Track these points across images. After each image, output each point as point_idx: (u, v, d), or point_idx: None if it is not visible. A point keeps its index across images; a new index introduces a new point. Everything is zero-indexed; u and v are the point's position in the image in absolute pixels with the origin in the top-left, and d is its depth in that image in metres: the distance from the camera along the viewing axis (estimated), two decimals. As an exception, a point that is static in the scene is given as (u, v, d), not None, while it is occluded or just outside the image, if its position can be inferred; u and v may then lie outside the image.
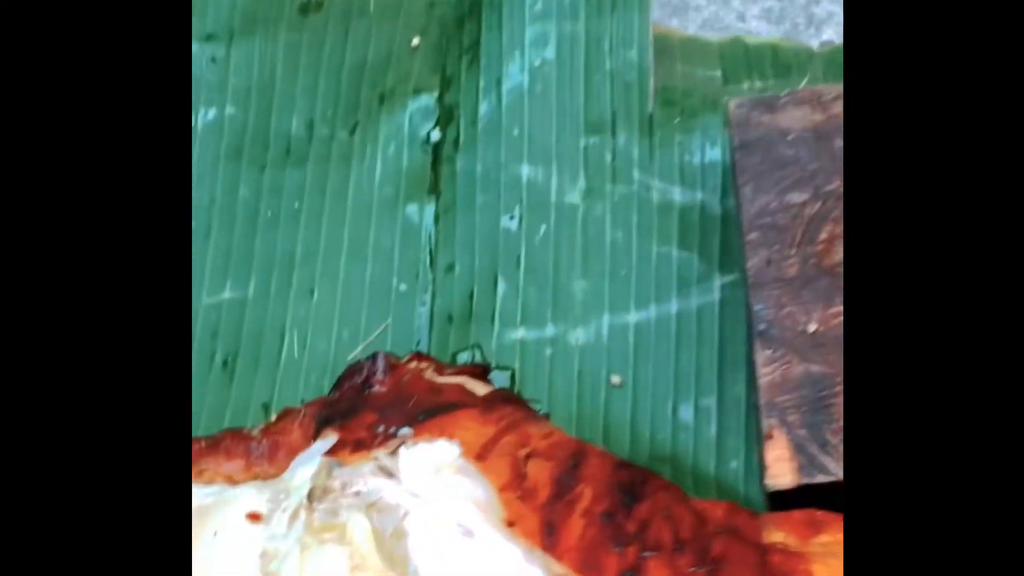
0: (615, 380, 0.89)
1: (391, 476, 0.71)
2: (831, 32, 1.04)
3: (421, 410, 0.74)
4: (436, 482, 0.71)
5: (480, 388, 0.78)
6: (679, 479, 0.84)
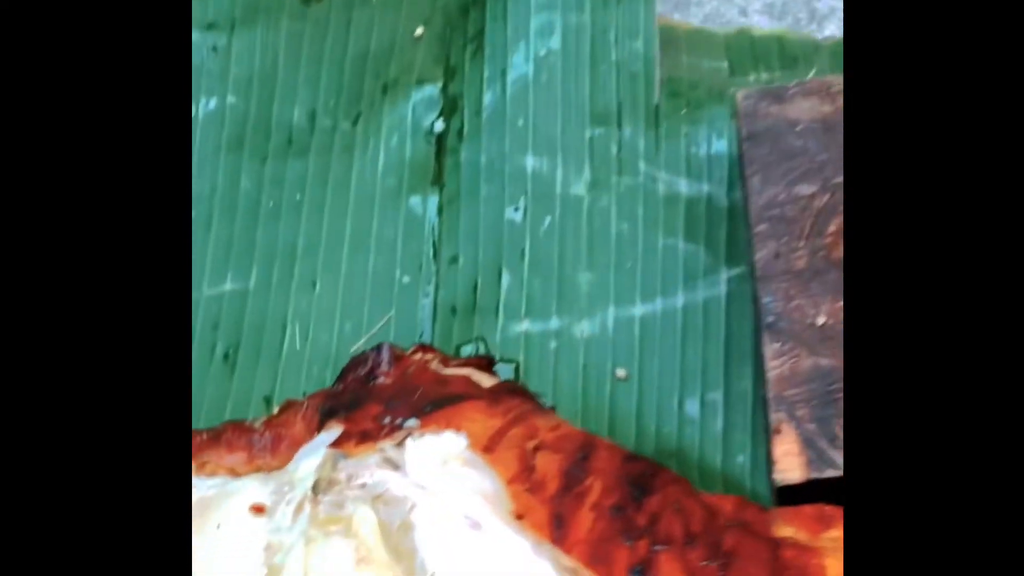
0: (620, 373, 0.88)
1: (397, 468, 0.71)
2: (833, 27, 1.04)
3: (427, 401, 0.73)
4: (443, 474, 0.70)
5: (486, 380, 0.77)
6: (685, 473, 0.83)
